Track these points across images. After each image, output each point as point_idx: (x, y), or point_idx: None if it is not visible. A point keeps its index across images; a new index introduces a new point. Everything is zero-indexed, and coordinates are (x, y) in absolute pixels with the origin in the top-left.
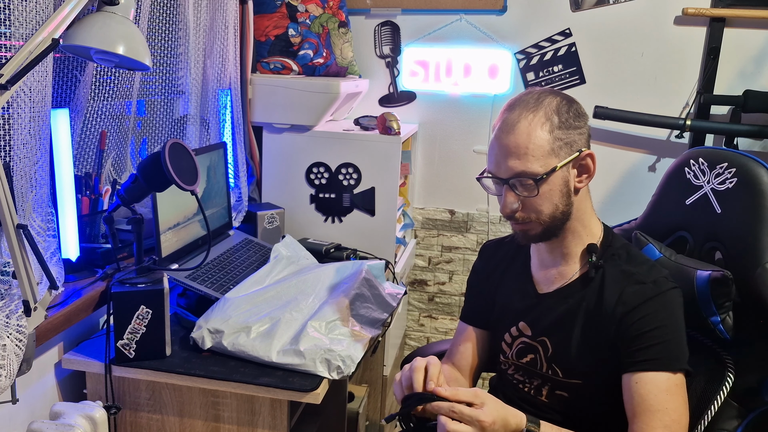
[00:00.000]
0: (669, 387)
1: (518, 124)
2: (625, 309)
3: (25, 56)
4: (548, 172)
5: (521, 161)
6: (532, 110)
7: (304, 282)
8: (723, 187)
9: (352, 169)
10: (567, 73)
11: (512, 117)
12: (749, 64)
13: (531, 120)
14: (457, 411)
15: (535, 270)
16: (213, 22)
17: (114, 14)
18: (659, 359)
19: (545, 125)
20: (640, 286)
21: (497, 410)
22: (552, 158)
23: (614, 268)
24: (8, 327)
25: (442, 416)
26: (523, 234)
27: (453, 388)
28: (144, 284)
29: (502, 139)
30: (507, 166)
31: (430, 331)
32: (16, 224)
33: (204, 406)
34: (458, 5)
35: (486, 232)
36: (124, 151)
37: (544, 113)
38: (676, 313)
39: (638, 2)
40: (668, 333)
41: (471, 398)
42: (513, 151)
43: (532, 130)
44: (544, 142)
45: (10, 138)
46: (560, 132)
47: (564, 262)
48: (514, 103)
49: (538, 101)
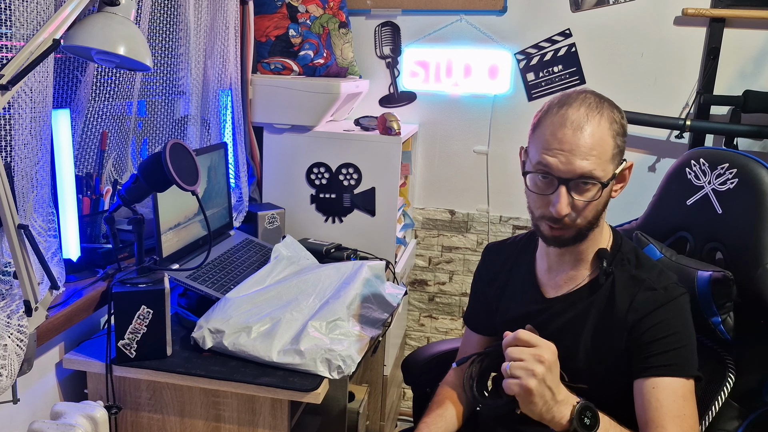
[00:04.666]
0: (684, 393)
1: (588, 123)
2: (637, 316)
3: (26, 57)
4: (610, 178)
5: (590, 162)
6: (597, 112)
7: (305, 282)
8: (724, 187)
9: (352, 169)
10: (567, 74)
11: (578, 115)
12: (749, 64)
13: (599, 122)
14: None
15: (541, 274)
16: (214, 23)
17: (115, 15)
18: (675, 365)
19: (611, 129)
20: (651, 293)
21: (555, 359)
22: (611, 165)
23: (624, 273)
24: (9, 327)
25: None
26: (555, 238)
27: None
28: (145, 284)
29: (567, 135)
30: (573, 165)
31: (430, 331)
32: (17, 224)
33: (205, 406)
34: (458, 6)
35: (486, 232)
36: (125, 151)
37: (609, 116)
38: (688, 320)
39: (638, 3)
40: (682, 339)
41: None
42: (582, 151)
43: (602, 132)
44: (609, 147)
45: (11, 138)
46: (619, 139)
47: (574, 266)
48: (569, 101)
49: (600, 103)
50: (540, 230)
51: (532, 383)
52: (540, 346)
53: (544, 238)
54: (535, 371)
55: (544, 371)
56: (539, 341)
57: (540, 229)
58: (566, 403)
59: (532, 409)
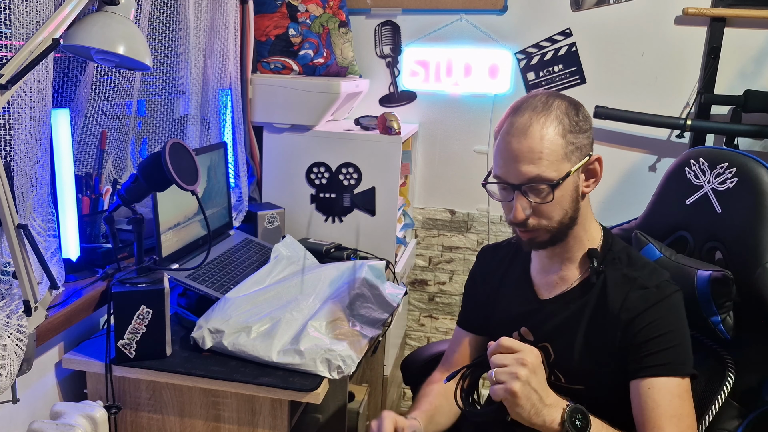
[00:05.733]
0: (680, 392)
1: (530, 128)
2: (629, 315)
3: (25, 56)
4: (563, 177)
5: (535, 166)
6: (542, 113)
7: (305, 282)
8: (723, 187)
9: (352, 168)
10: (567, 73)
11: (522, 120)
12: (749, 63)
13: (543, 123)
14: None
15: (535, 275)
16: (213, 22)
17: (114, 14)
18: (669, 364)
19: (557, 129)
20: (643, 291)
21: (539, 363)
22: (565, 163)
23: (615, 272)
24: (9, 327)
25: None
26: (529, 241)
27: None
28: (144, 284)
29: (512, 143)
30: (519, 172)
31: (430, 331)
32: (16, 224)
33: (204, 406)
34: (458, 5)
35: (486, 232)
36: (125, 150)
37: (555, 116)
38: (681, 317)
39: (639, 2)
40: (676, 337)
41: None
42: (526, 156)
43: (546, 133)
44: (558, 146)
45: (11, 138)
46: (571, 136)
47: (565, 267)
48: (519, 106)
49: (547, 104)
50: (517, 236)
51: (517, 386)
52: (523, 351)
53: (521, 243)
54: (519, 374)
55: (528, 373)
56: (522, 346)
57: (517, 235)
58: (555, 407)
59: (520, 413)
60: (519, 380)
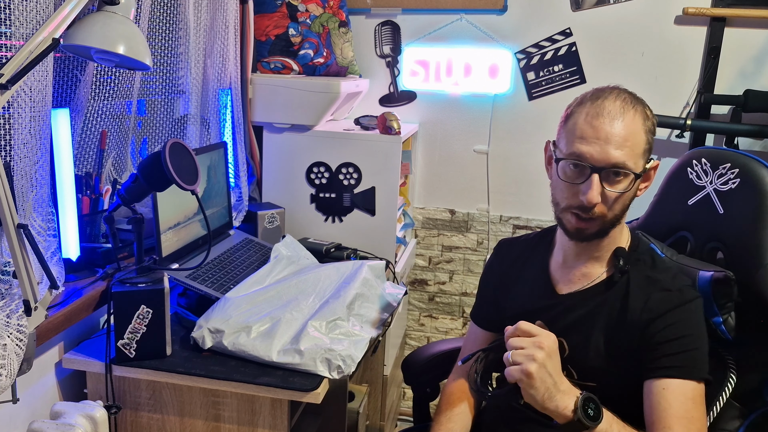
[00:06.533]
0: (694, 396)
1: (624, 115)
2: (650, 315)
3: (25, 56)
4: (642, 171)
5: (624, 153)
6: (632, 106)
7: (305, 282)
8: (726, 187)
9: (352, 168)
10: (567, 73)
11: (614, 106)
12: (750, 63)
13: (634, 115)
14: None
15: (555, 269)
16: (213, 22)
17: (114, 14)
18: (686, 367)
19: (644, 125)
20: (666, 294)
21: (556, 348)
22: (641, 160)
23: (639, 273)
24: (9, 327)
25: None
26: (578, 230)
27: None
28: (144, 284)
29: (604, 124)
30: (608, 154)
31: (430, 330)
32: (16, 224)
33: (204, 406)
34: (458, 5)
35: (486, 231)
36: (125, 150)
37: (642, 113)
38: (701, 323)
39: (639, 2)
40: (695, 342)
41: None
42: (617, 140)
43: (636, 125)
44: (642, 141)
45: (11, 138)
46: (650, 136)
47: (590, 263)
48: (605, 93)
49: (635, 99)
50: (563, 223)
51: (533, 367)
52: (540, 335)
53: (567, 232)
54: (535, 356)
55: (544, 356)
56: (540, 331)
57: (564, 221)
58: (569, 394)
59: (534, 395)
60: (535, 362)
